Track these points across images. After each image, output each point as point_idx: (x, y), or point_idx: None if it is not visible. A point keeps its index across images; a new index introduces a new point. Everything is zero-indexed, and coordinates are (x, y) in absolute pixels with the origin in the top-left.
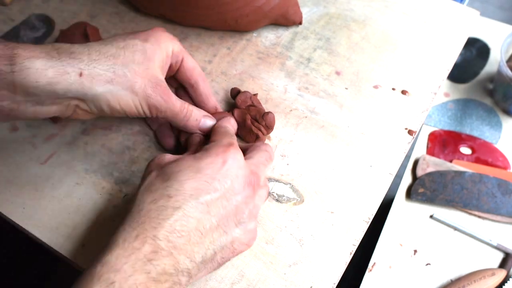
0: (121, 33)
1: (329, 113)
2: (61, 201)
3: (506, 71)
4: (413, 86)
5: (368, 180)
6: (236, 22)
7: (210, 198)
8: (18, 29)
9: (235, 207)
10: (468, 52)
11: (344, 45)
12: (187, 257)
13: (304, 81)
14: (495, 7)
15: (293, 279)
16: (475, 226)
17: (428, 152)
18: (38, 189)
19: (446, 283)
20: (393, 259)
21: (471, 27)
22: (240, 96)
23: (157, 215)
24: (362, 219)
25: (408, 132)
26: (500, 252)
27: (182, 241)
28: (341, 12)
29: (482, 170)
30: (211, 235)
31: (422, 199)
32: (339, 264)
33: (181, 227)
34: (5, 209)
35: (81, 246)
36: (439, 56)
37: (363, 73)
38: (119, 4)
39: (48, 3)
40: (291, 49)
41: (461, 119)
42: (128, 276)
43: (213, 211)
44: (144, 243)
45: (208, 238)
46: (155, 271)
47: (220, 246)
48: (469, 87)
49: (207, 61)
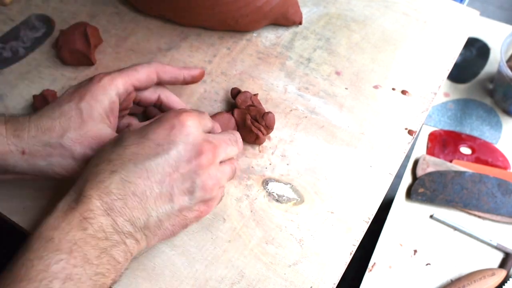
0: (66, 91)
1: (329, 113)
2: None
3: (506, 71)
4: (413, 86)
5: (368, 180)
6: (236, 22)
7: (149, 164)
8: (18, 29)
9: (182, 175)
10: (468, 52)
11: (344, 45)
12: (126, 220)
13: (304, 81)
14: (495, 7)
15: (293, 279)
16: (475, 226)
17: (428, 152)
18: (38, 189)
19: (446, 283)
20: (393, 259)
21: (471, 27)
22: (240, 96)
23: (95, 178)
24: (362, 219)
25: (408, 132)
26: (500, 252)
27: (119, 204)
28: (341, 12)
29: (482, 170)
30: (153, 201)
31: (422, 199)
32: (339, 264)
33: (118, 190)
34: (5, 209)
35: None
36: (439, 56)
37: (363, 73)
38: (119, 4)
39: (48, 3)
40: (291, 49)
41: (461, 119)
42: (66, 232)
43: (154, 177)
44: (80, 202)
45: (150, 204)
46: (91, 228)
47: (165, 214)
48: (469, 87)
49: (207, 61)
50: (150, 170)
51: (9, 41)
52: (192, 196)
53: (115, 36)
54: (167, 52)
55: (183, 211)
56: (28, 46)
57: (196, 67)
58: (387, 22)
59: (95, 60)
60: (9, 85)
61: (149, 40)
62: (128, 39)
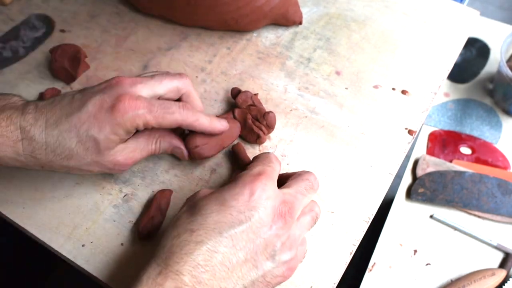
0: (84, 95)
1: (329, 113)
2: (61, 201)
3: (506, 71)
4: (413, 86)
5: (368, 180)
6: (236, 22)
7: (234, 232)
8: (18, 29)
9: (264, 240)
10: (468, 52)
11: (344, 45)
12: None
13: (304, 81)
14: (495, 7)
15: (293, 279)
16: (475, 226)
17: (428, 152)
18: (38, 189)
19: (446, 283)
20: (393, 259)
21: (471, 27)
22: (240, 96)
23: (179, 250)
24: (362, 219)
25: (408, 132)
26: (500, 252)
27: (206, 276)
28: (341, 12)
29: (482, 170)
30: (239, 270)
31: (422, 199)
32: (339, 264)
33: (205, 262)
34: (5, 209)
35: (81, 246)
36: (439, 56)
37: (363, 73)
38: (119, 4)
39: (48, 3)
40: (291, 49)
41: (461, 119)
42: None
43: (239, 245)
44: (167, 278)
45: (236, 273)
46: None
47: (250, 281)
48: (469, 87)
49: (207, 61)
50: (235, 238)
51: (9, 41)
52: (274, 260)
53: (115, 36)
54: (167, 51)
55: (266, 277)
56: (28, 46)
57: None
58: (387, 22)
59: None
60: (9, 85)
61: (149, 39)
62: (128, 38)
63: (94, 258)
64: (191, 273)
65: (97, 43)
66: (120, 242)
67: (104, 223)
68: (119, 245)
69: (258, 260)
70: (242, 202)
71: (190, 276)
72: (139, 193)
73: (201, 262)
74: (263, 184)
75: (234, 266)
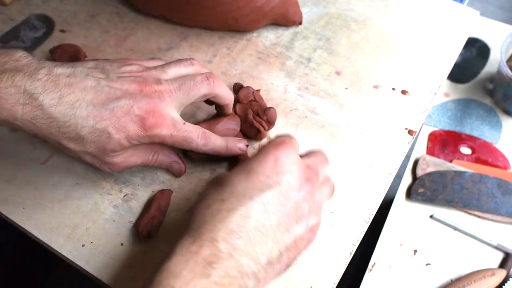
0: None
1: (329, 113)
2: (61, 201)
3: (506, 71)
4: (413, 86)
5: (368, 180)
6: (236, 22)
7: (265, 196)
8: (18, 29)
9: (294, 204)
10: (468, 52)
11: (344, 45)
12: (250, 259)
13: (304, 81)
14: (495, 7)
15: (293, 279)
16: (475, 226)
17: (428, 152)
18: (38, 189)
19: (446, 283)
20: (393, 259)
21: (471, 27)
22: (242, 91)
23: (212, 219)
24: (362, 219)
25: (408, 132)
26: (500, 252)
27: (242, 242)
28: (341, 12)
29: (482, 170)
30: (273, 234)
31: (422, 199)
32: (339, 264)
33: (239, 228)
34: (5, 209)
35: (81, 246)
36: (439, 56)
37: (363, 73)
38: (119, 4)
39: (48, 3)
40: (291, 49)
41: (461, 119)
42: (188, 280)
43: (271, 209)
44: (202, 246)
45: (270, 237)
46: (216, 274)
47: (284, 246)
48: (469, 87)
49: (207, 61)
50: (267, 202)
51: (9, 41)
52: (302, 224)
53: (115, 36)
54: (167, 52)
55: (297, 241)
56: (28, 46)
57: (243, 142)
58: (387, 22)
59: None
60: None
61: (149, 39)
62: (128, 38)
63: (94, 258)
64: (226, 239)
65: (97, 43)
66: (120, 242)
67: (104, 223)
68: (119, 245)
69: (289, 224)
70: (268, 168)
71: (225, 242)
72: (139, 193)
73: (235, 229)
74: (287, 151)
75: (268, 231)
